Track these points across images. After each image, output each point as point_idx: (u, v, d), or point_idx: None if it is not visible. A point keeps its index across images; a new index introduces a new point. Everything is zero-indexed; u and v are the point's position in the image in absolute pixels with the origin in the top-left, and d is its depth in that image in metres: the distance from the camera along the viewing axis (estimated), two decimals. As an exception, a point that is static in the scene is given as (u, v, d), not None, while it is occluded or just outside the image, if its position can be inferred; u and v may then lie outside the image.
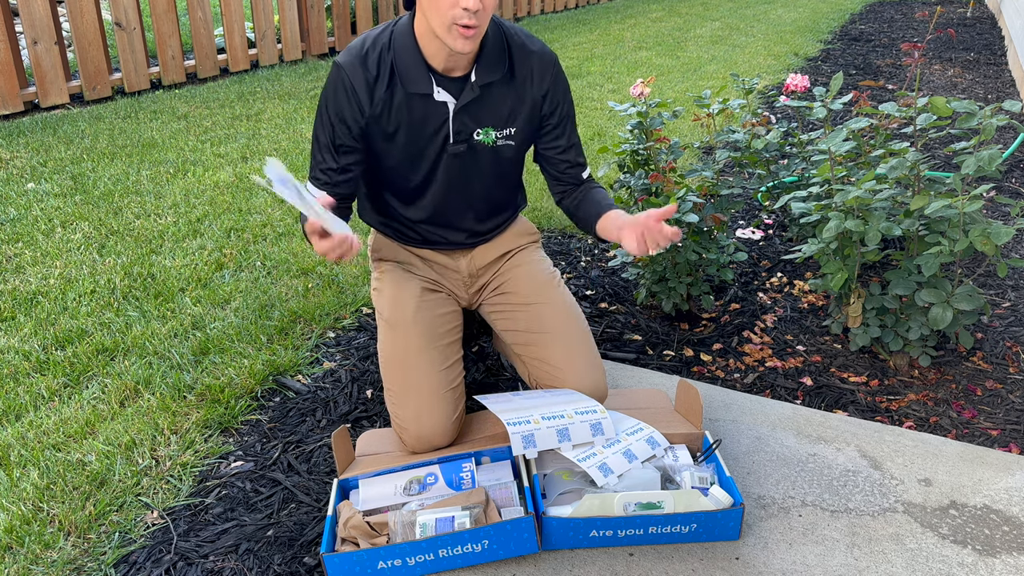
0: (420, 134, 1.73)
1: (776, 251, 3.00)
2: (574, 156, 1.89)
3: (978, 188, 1.92)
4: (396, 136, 1.73)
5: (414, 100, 1.70)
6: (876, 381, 2.20)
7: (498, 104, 1.75)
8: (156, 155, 3.91)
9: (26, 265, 2.76)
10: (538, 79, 1.76)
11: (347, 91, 1.67)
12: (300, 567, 1.59)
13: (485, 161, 1.81)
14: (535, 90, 1.76)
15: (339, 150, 1.73)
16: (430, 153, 1.76)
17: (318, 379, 2.20)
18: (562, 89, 1.81)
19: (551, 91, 1.79)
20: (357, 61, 1.67)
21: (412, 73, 1.67)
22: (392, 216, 1.92)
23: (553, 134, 1.84)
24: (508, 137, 1.79)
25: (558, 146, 1.86)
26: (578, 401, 1.73)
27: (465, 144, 1.76)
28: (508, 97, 1.75)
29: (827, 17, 8.53)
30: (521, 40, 1.74)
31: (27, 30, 4.35)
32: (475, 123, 1.74)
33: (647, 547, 1.60)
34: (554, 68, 1.78)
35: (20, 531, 1.65)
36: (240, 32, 5.53)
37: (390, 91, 1.69)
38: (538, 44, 1.77)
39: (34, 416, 2.01)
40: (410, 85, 1.68)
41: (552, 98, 1.80)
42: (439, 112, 1.71)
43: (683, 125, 4.56)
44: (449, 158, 1.77)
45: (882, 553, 1.59)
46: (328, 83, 1.70)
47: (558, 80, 1.79)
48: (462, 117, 1.73)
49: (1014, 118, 4.62)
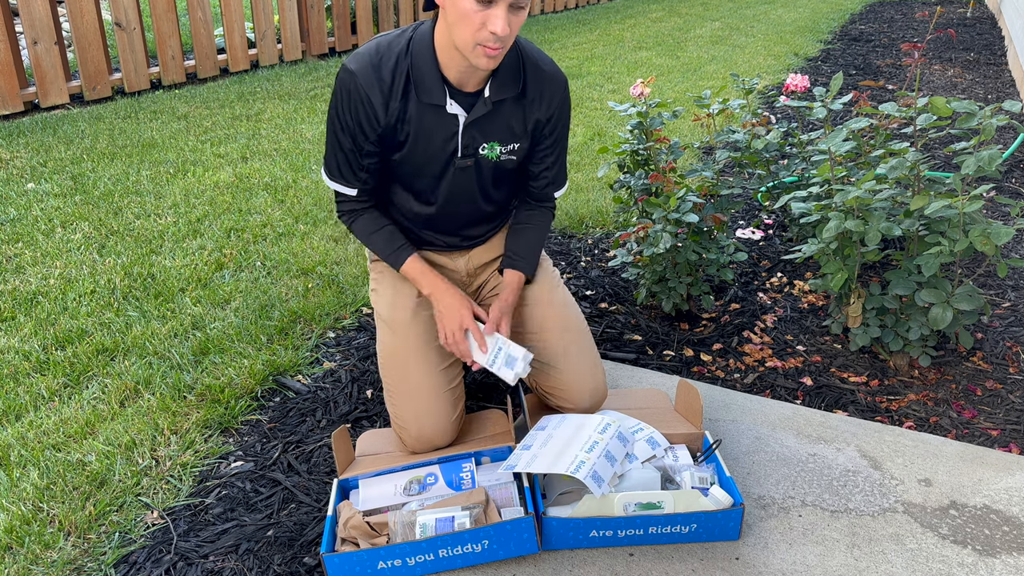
0: (429, 145, 1.72)
1: (776, 251, 3.00)
2: (554, 175, 1.89)
3: (978, 188, 1.92)
4: (406, 145, 1.72)
5: (427, 111, 1.68)
6: (876, 381, 2.20)
7: (506, 121, 1.74)
8: (156, 155, 3.91)
9: (26, 265, 2.76)
10: (546, 102, 1.75)
11: (362, 101, 1.65)
12: (300, 567, 1.59)
13: (487, 174, 1.80)
14: (541, 111, 1.76)
15: (363, 153, 1.73)
16: (436, 164, 1.75)
17: (318, 379, 2.20)
18: (566, 112, 1.82)
19: (556, 114, 1.78)
20: (371, 70, 1.64)
21: (428, 83, 1.65)
22: (391, 218, 1.92)
23: (545, 151, 1.84)
24: (511, 152, 1.79)
25: (545, 163, 1.86)
26: (585, 423, 1.72)
27: (472, 159, 1.76)
28: (516, 115, 1.74)
29: (827, 17, 8.54)
30: (535, 60, 1.74)
31: (27, 30, 4.35)
32: (483, 137, 1.74)
33: (647, 547, 1.60)
34: (563, 92, 1.78)
35: (20, 531, 1.65)
36: (240, 32, 5.53)
37: (404, 100, 1.67)
38: (550, 66, 1.76)
39: (34, 416, 2.01)
40: (424, 95, 1.66)
41: (555, 120, 1.79)
42: (449, 125, 1.70)
43: (683, 125, 4.56)
44: (455, 171, 1.77)
45: (882, 553, 1.59)
46: (340, 90, 1.67)
47: (564, 104, 1.79)
48: (471, 131, 1.71)
49: (1014, 118, 4.62)
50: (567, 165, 1.94)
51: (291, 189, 3.52)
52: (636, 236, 2.41)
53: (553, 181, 1.90)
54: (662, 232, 2.29)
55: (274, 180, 3.61)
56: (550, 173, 1.88)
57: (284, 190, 3.50)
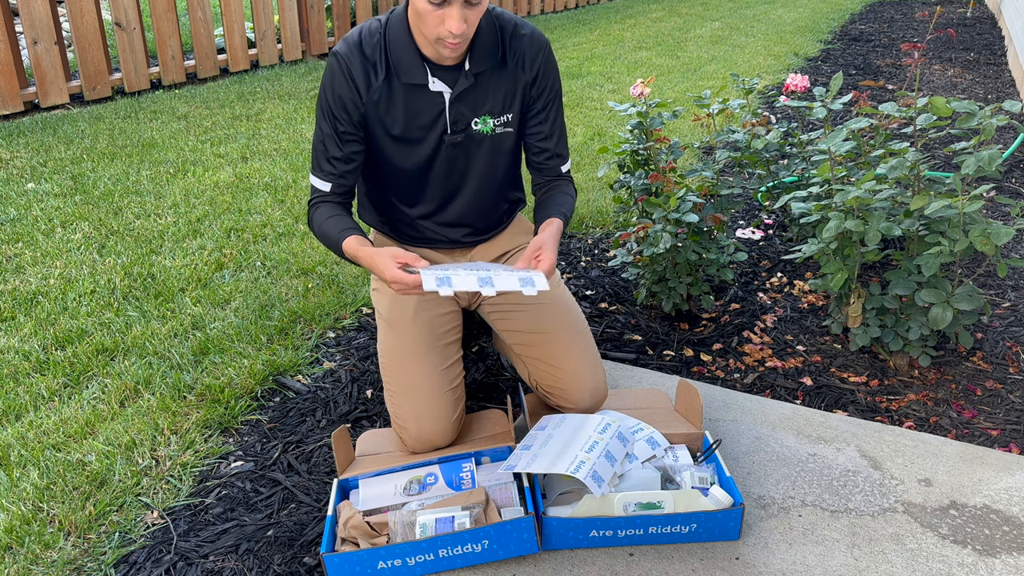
0: (417, 124, 1.74)
1: (776, 251, 3.00)
2: (554, 145, 1.88)
3: (978, 188, 1.92)
4: (393, 127, 1.75)
5: (410, 91, 1.71)
6: (876, 381, 2.20)
7: (493, 91, 1.76)
8: (156, 155, 3.91)
9: (26, 265, 2.76)
10: (529, 62, 1.77)
11: (346, 77, 1.69)
12: (300, 567, 1.59)
13: (484, 151, 1.81)
14: (525, 74, 1.77)
15: (342, 138, 1.74)
16: (428, 144, 1.77)
17: (318, 379, 2.20)
18: (552, 73, 1.82)
19: (540, 73, 1.79)
20: (355, 48, 1.69)
21: (407, 64, 1.69)
22: (392, 214, 1.92)
23: (537, 118, 1.84)
24: (506, 124, 1.80)
25: (540, 132, 1.85)
26: (584, 423, 1.72)
27: (463, 134, 1.77)
28: (502, 83, 1.76)
29: (827, 17, 8.53)
30: (513, 25, 1.76)
31: (27, 30, 4.35)
32: (472, 111, 1.75)
33: (647, 547, 1.60)
34: (545, 51, 1.79)
35: (20, 531, 1.65)
36: (240, 32, 5.53)
37: (387, 81, 1.71)
38: (529, 28, 1.78)
39: (34, 416, 2.01)
40: (405, 76, 1.69)
41: (540, 81, 1.80)
42: (435, 102, 1.72)
43: (683, 125, 4.55)
44: (447, 148, 1.78)
45: (882, 553, 1.59)
46: (326, 72, 1.72)
47: (548, 63, 1.80)
48: (458, 106, 1.74)
49: (1014, 118, 4.62)
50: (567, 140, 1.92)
51: (291, 189, 3.52)
52: (636, 236, 2.41)
53: (557, 153, 1.88)
54: (662, 232, 2.29)
55: (274, 180, 3.61)
56: (549, 144, 1.86)
57: (284, 190, 3.50)
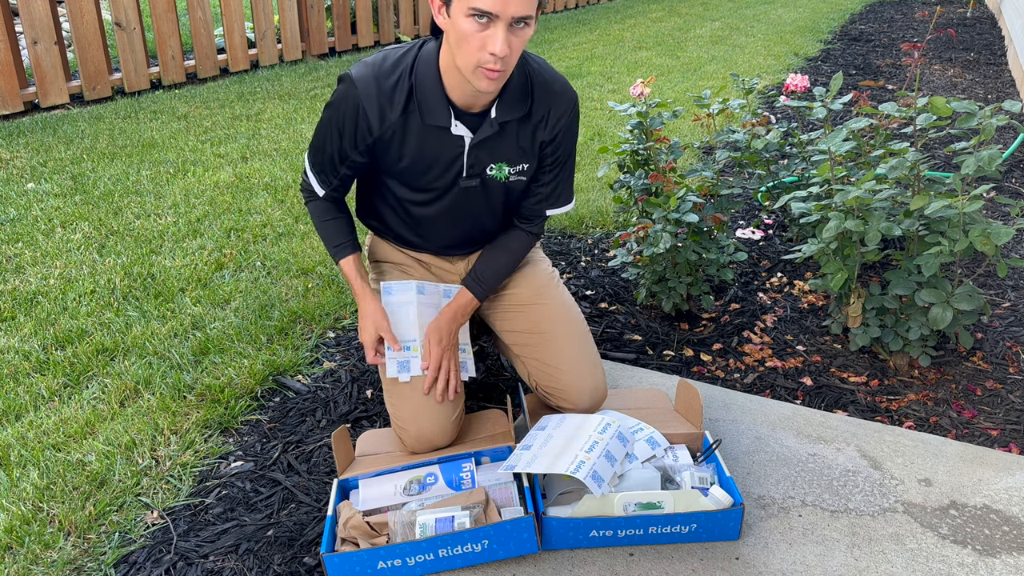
0: (433, 165, 1.71)
1: (776, 251, 3.00)
2: (548, 192, 1.85)
3: (978, 188, 1.92)
4: (404, 162, 1.71)
5: (430, 131, 1.66)
6: (876, 381, 2.20)
7: (513, 142, 1.72)
8: (156, 155, 3.91)
9: (26, 265, 2.76)
10: (554, 119, 1.73)
11: (357, 111, 1.64)
12: (300, 567, 1.59)
13: (495, 194, 1.79)
14: (548, 130, 1.74)
15: (344, 162, 1.73)
16: (441, 184, 1.74)
17: (318, 379, 2.20)
18: (572, 135, 1.79)
19: (561, 135, 1.76)
20: (372, 81, 1.62)
21: (432, 105, 1.63)
22: (390, 227, 1.91)
23: (542, 171, 1.82)
24: (521, 173, 1.77)
25: (540, 180, 1.83)
26: (584, 423, 1.72)
27: (478, 179, 1.74)
28: (524, 134, 1.72)
29: (827, 17, 8.54)
30: (544, 79, 1.71)
31: (27, 30, 4.35)
32: (489, 158, 1.72)
33: (647, 547, 1.60)
34: (570, 111, 1.75)
35: (20, 531, 1.65)
36: (240, 32, 5.53)
37: (404, 118, 1.65)
38: (559, 83, 1.73)
39: (34, 416, 2.01)
40: (429, 117, 1.64)
41: (558, 140, 1.76)
42: (454, 145, 1.68)
43: (683, 125, 4.56)
44: (459, 191, 1.76)
45: (882, 553, 1.59)
46: (338, 95, 1.66)
47: (571, 124, 1.76)
48: (477, 152, 1.70)
49: (1014, 118, 4.62)
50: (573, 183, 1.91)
51: (291, 189, 3.52)
52: (636, 236, 2.41)
53: (546, 198, 1.86)
54: (662, 232, 2.29)
55: (274, 180, 3.61)
56: (544, 190, 1.84)
57: (284, 190, 3.50)
